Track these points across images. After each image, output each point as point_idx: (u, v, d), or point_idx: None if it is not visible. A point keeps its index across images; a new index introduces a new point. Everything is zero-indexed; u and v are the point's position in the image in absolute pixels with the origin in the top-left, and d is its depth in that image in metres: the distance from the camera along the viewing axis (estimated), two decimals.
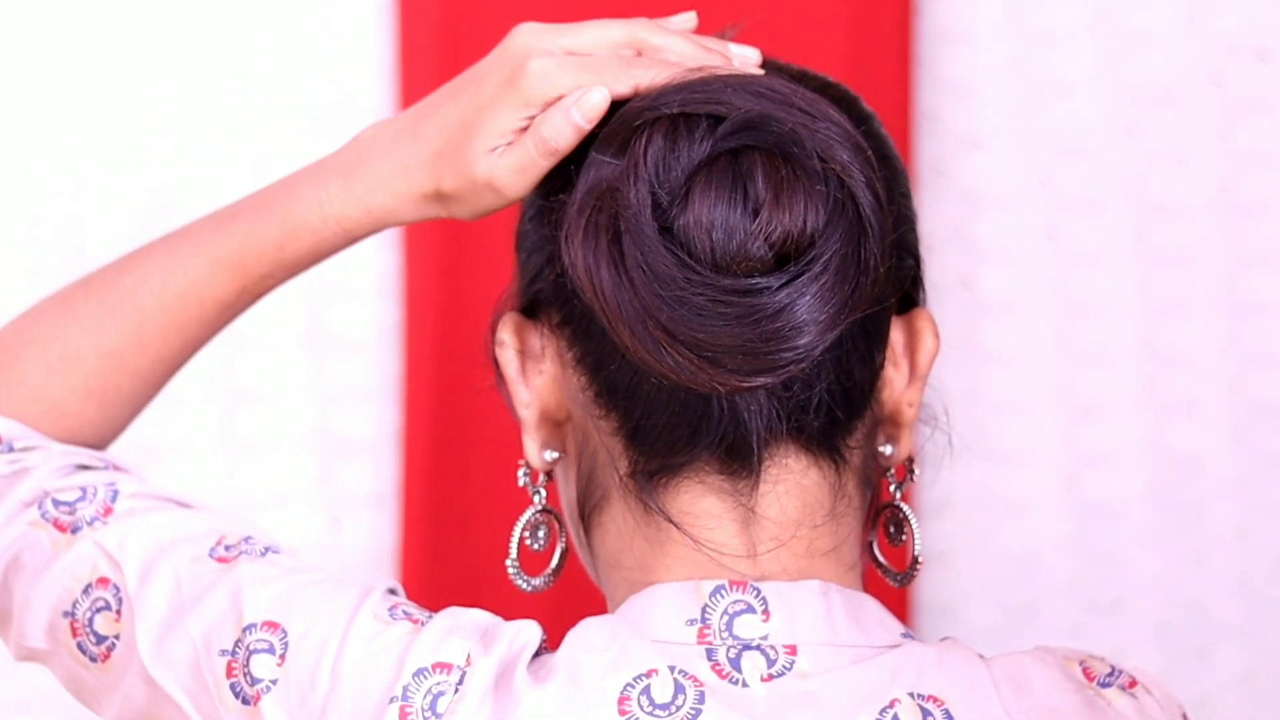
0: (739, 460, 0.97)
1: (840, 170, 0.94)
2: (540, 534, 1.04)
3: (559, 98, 0.98)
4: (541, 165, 0.99)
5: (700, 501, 0.98)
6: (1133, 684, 0.98)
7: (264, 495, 2.10)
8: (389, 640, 0.97)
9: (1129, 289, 2.16)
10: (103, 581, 1.03)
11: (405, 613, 0.98)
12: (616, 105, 0.98)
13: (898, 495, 1.04)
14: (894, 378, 1.02)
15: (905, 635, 0.99)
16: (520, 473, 1.04)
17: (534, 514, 1.03)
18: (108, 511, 1.05)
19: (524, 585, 1.03)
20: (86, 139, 2.05)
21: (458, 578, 2.08)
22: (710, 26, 1.05)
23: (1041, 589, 2.18)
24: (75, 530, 1.05)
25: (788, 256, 0.92)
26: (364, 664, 0.96)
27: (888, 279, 0.96)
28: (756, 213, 0.92)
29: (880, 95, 1.01)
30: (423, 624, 0.97)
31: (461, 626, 0.97)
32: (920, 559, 1.05)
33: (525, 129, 0.99)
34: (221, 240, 1.10)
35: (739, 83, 0.96)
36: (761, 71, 1.01)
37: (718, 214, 0.92)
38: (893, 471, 1.04)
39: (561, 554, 1.04)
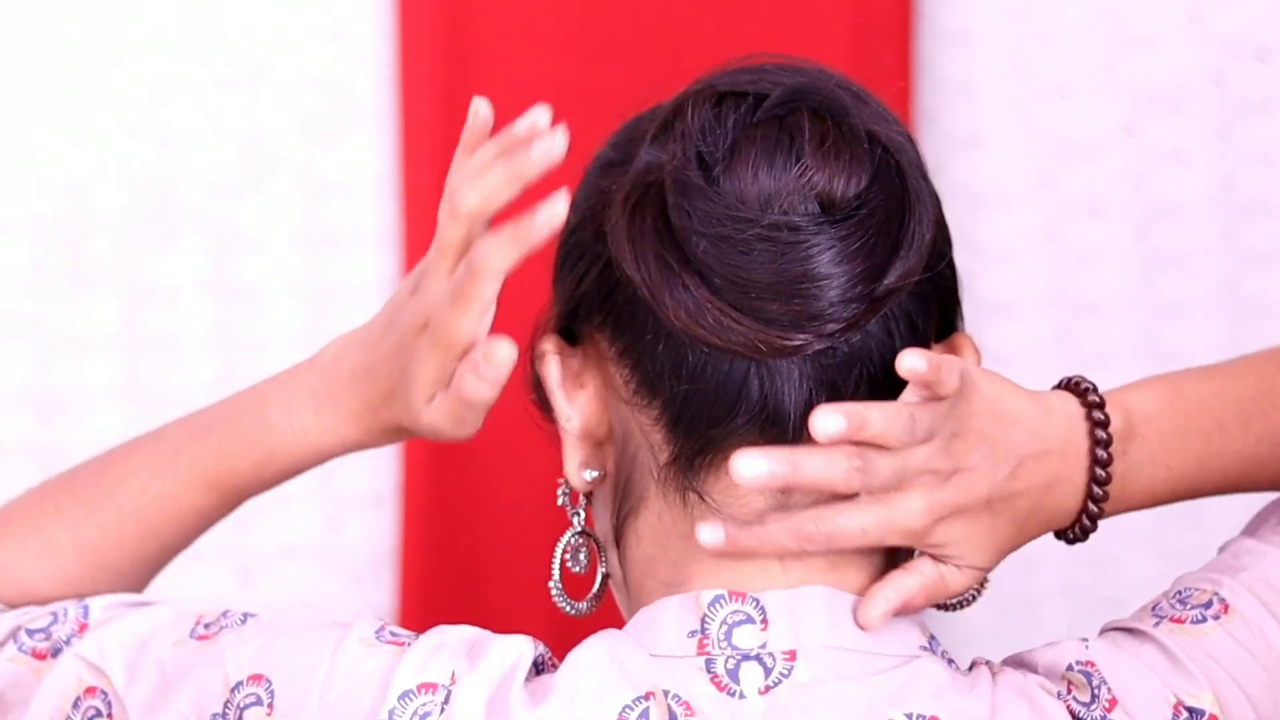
0: (775, 434, 0.97)
1: (886, 140, 0.95)
2: (581, 557, 1.03)
3: (463, 346, 0.97)
4: (476, 416, 1.00)
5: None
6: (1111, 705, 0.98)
7: (264, 496, 2.09)
8: (373, 665, 0.96)
9: (1129, 289, 2.16)
10: (90, 691, 1.02)
11: (392, 634, 0.98)
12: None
13: None
14: None
15: (926, 649, 0.98)
16: (560, 491, 1.03)
17: (573, 536, 1.03)
18: (83, 627, 1.05)
19: (568, 609, 1.03)
20: (84, 137, 2.05)
21: (458, 578, 2.08)
22: (710, 26, 1.05)
23: (1041, 589, 2.17)
24: (55, 653, 1.05)
25: (831, 209, 0.94)
26: (350, 691, 0.96)
27: (930, 262, 0.96)
28: (800, 161, 0.93)
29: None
30: (408, 644, 0.97)
31: (448, 644, 0.97)
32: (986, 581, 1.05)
33: (454, 372, 0.98)
34: (199, 453, 1.12)
35: (785, 64, 0.98)
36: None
37: (762, 166, 0.94)
38: None
39: (603, 578, 1.04)
